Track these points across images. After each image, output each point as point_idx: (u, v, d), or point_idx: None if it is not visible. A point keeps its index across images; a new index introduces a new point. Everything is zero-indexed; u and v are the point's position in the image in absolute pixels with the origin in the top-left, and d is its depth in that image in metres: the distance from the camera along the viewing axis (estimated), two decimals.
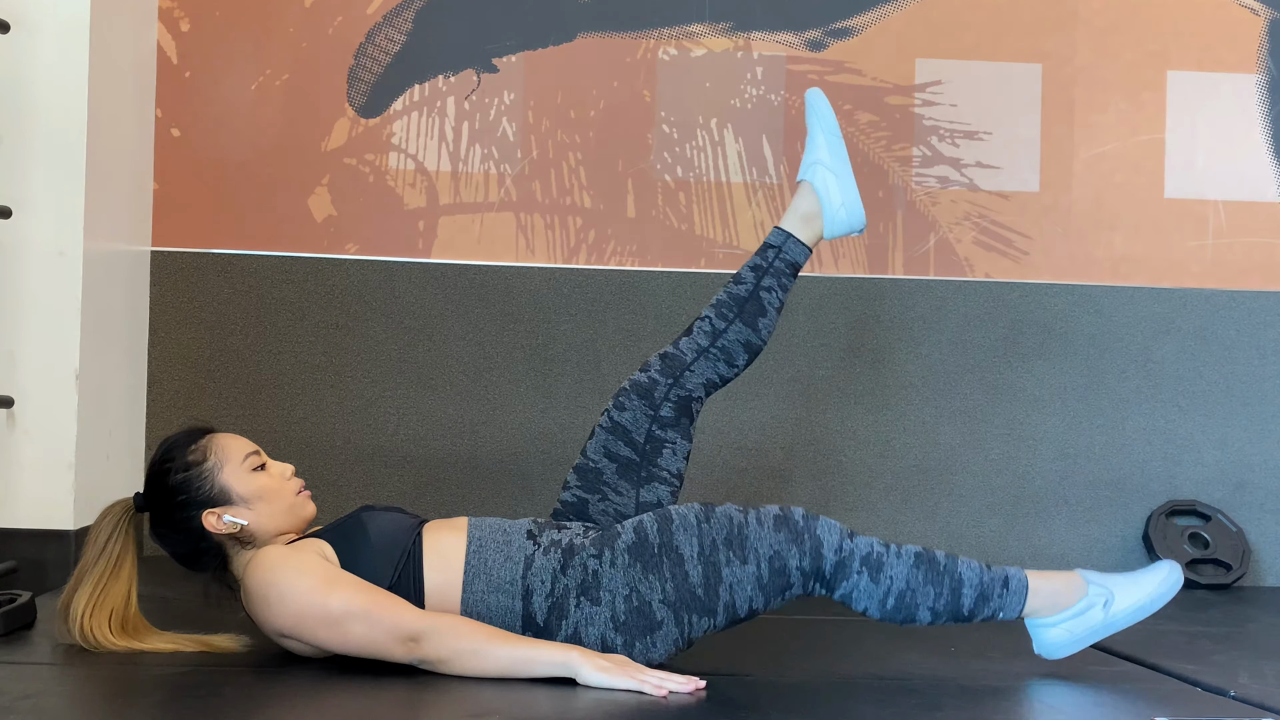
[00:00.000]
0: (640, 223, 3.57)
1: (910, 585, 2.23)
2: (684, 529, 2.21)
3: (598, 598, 2.18)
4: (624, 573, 2.18)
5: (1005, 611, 2.27)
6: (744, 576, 2.20)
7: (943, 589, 2.24)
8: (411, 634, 2.08)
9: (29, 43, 2.88)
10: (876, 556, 2.23)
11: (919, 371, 3.58)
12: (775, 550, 2.21)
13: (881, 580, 2.22)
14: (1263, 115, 3.69)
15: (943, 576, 2.25)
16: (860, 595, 2.23)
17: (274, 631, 2.15)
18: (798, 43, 3.61)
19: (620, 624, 2.18)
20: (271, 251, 3.49)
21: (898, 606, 2.24)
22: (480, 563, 2.21)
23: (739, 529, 2.22)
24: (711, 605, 2.20)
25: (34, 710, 1.89)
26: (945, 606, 2.25)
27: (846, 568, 2.22)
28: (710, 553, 2.20)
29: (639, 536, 2.21)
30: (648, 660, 2.19)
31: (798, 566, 2.21)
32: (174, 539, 2.24)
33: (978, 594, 2.26)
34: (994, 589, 2.26)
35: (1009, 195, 3.64)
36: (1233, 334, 3.64)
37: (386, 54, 3.53)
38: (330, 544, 2.21)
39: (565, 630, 2.19)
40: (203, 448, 2.23)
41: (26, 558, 2.79)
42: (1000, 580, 2.27)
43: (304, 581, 2.11)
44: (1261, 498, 3.62)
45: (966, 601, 2.25)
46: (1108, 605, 2.30)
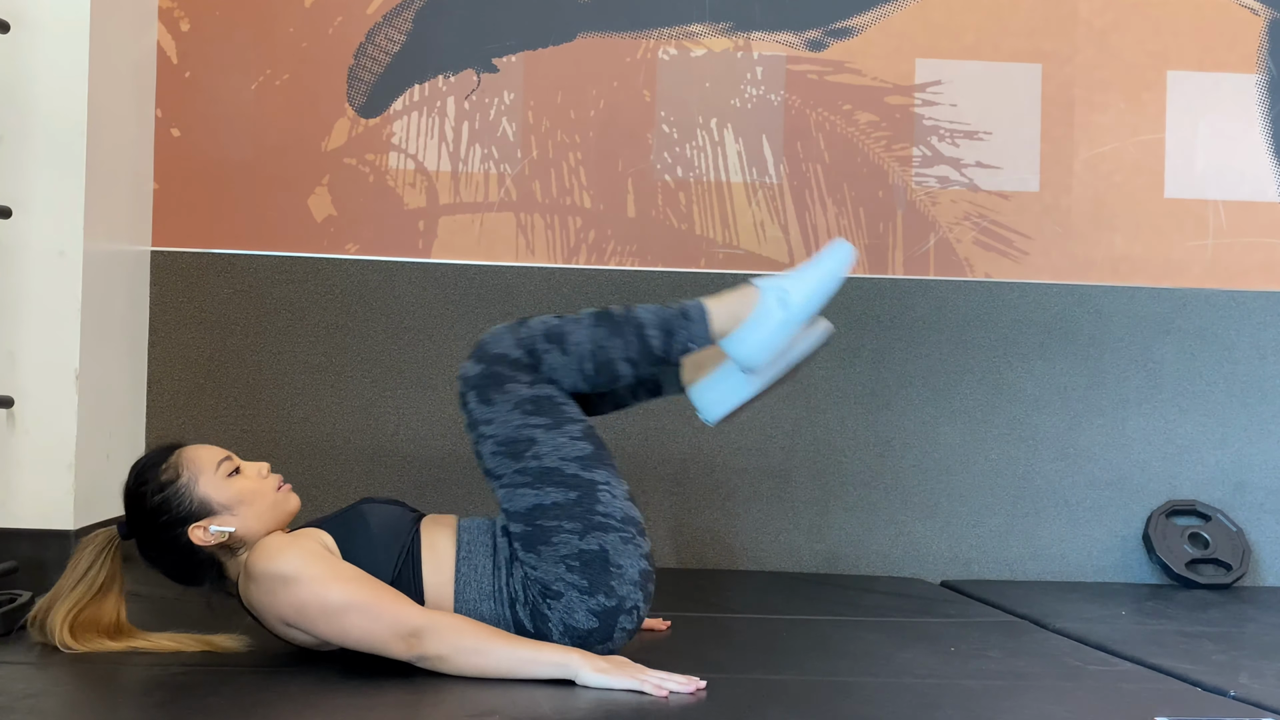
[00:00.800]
0: (640, 223, 3.57)
1: (597, 342, 2.27)
2: (511, 497, 2.23)
3: (556, 592, 2.20)
4: (546, 561, 2.20)
5: (695, 340, 2.32)
6: (547, 444, 2.24)
7: (629, 338, 2.28)
8: (412, 630, 2.09)
9: (29, 43, 2.88)
10: (555, 329, 2.28)
11: (919, 371, 3.59)
12: (513, 405, 2.25)
13: (570, 348, 2.27)
14: (1263, 115, 3.69)
15: (623, 326, 2.29)
16: (560, 369, 2.27)
17: (276, 619, 2.15)
18: (798, 43, 3.61)
19: (587, 588, 2.19)
20: (271, 251, 3.49)
21: (597, 368, 2.28)
22: (470, 570, 2.22)
23: (498, 442, 2.25)
24: (584, 484, 2.22)
25: (34, 710, 1.89)
26: (638, 353, 2.29)
27: (535, 351, 2.27)
28: (528, 477, 2.22)
29: (519, 537, 2.22)
30: (632, 580, 2.21)
31: (527, 384, 2.25)
32: (165, 559, 2.23)
33: (662, 332, 2.30)
34: (675, 322, 2.31)
35: (1009, 195, 3.64)
36: (1233, 334, 3.64)
37: (386, 54, 3.53)
38: (331, 534, 2.21)
39: (556, 629, 2.20)
40: (174, 464, 2.22)
41: (26, 558, 2.79)
42: (678, 313, 2.32)
43: (307, 570, 2.11)
44: (1261, 498, 3.62)
45: (655, 342, 2.29)
46: (785, 302, 2.35)
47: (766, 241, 3.57)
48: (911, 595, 3.18)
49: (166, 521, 2.19)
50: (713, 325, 2.33)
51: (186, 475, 2.21)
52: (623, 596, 2.21)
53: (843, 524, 3.55)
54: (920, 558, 3.55)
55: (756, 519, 3.53)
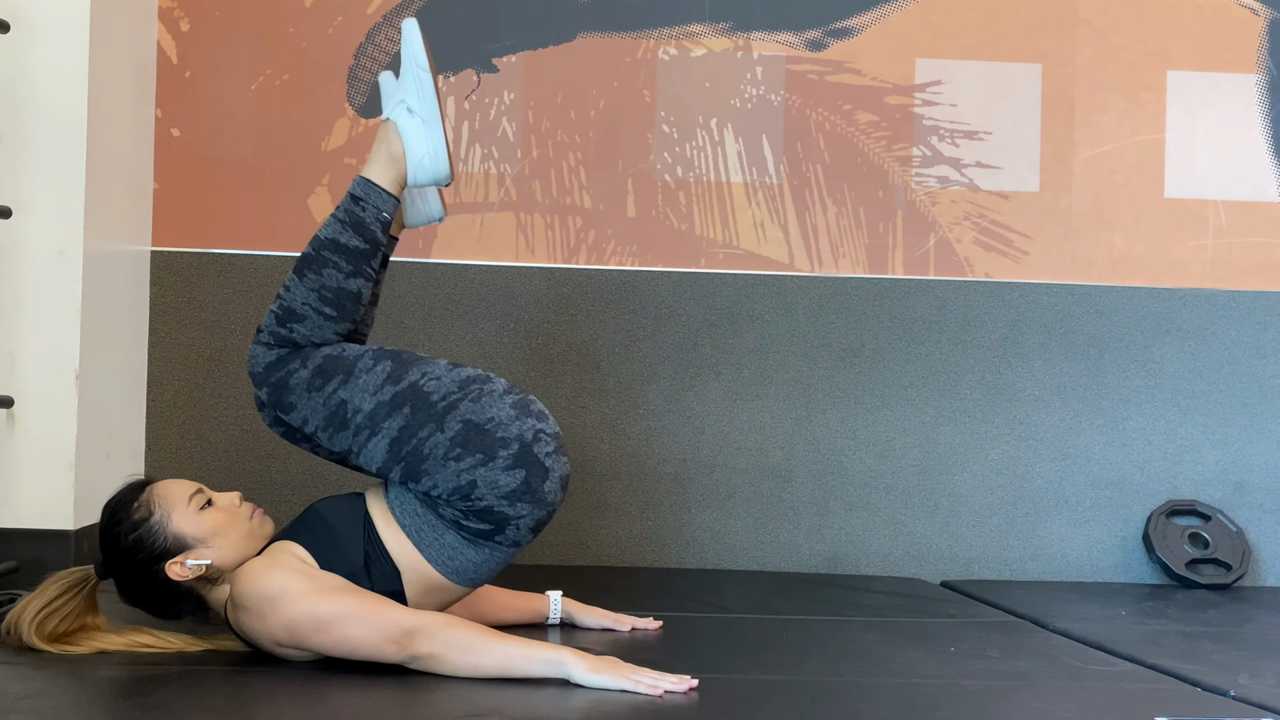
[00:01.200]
0: (640, 223, 3.57)
1: (316, 288, 2.31)
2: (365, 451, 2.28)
3: (470, 483, 2.22)
4: (436, 472, 2.22)
5: (382, 208, 2.36)
6: (348, 397, 2.27)
7: (332, 260, 2.32)
8: (404, 631, 2.09)
9: (29, 43, 2.88)
10: (281, 308, 2.30)
11: (919, 371, 3.58)
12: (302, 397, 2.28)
13: (302, 311, 2.30)
14: (1263, 115, 3.69)
15: (320, 255, 2.32)
16: (313, 331, 2.30)
17: (270, 642, 2.16)
18: (798, 43, 3.61)
19: (484, 458, 2.22)
20: (271, 251, 3.49)
21: (336, 305, 2.32)
22: (411, 516, 2.26)
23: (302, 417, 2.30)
24: (390, 406, 2.25)
25: (34, 710, 1.89)
26: (351, 261, 2.33)
27: (283, 336, 2.30)
28: (363, 427, 2.26)
29: (398, 470, 2.25)
30: (530, 430, 2.25)
31: (295, 373, 2.29)
32: (145, 597, 2.24)
33: (351, 227, 2.34)
34: (354, 212, 2.34)
35: (1009, 195, 3.64)
36: (1233, 334, 3.64)
37: (386, 54, 3.53)
38: (299, 543, 2.22)
39: (504, 505, 2.23)
40: (145, 502, 2.21)
41: (26, 558, 2.79)
42: (349, 200, 2.35)
43: (292, 588, 2.12)
44: (1261, 498, 3.62)
45: (353, 242, 2.33)
46: (410, 107, 2.39)
47: (766, 241, 3.57)
48: (911, 595, 3.18)
49: (143, 560, 2.20)
50: (385, 182, 2.38)
51: (159, 512, 2.21)
52: (518, 435, 2.24)
53: (843, 524, 3.55)
54: (920, 558, 3.55)
55: (756, 519, 3.53)
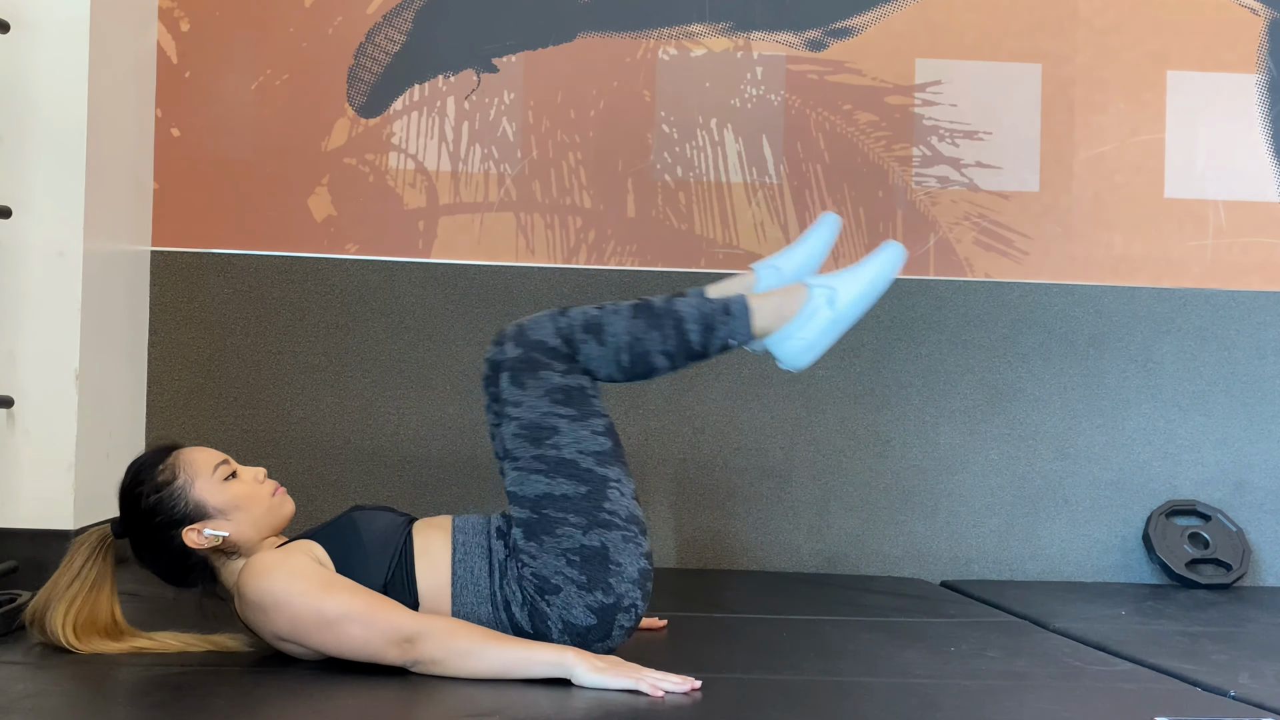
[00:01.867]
0: (640, 223, 3.57)
1: (634, 334, 2.26)
2: (522, 481, 2.23)
3: (554, 586, 2.19)
4: (547, 553, 2.19)
5: (735, 336, 2.30)
6: (569, 434, 2.23)
7: (666, 331, 2.26)
8: (406, 635, 2.09)
9: (29, 43, 2.88)
10: (594, 319, 2.27)
11: (919, 371, 3.58)
12: (544, 393, 2.23)
13: (607, 339, 2.26)
14: (1263, 115, 3.69)
15: (663, 319, 2.27)
16: (596, 360, 2.26)
17: (271, 635, 2.15)
18: (798, 43, 3.61)
19: (586, 583, 2.19)
20: (271, 251, 3.49)
21: (633, 359, 2.26)
22: (466, 572, 2.22)
23: (523, 426, 2.24)
24: (596, 479, 2.21)
25: (34, 710, 1.89)
26: (675, 346, 2.27)
27: (573, 341, 2.25)
28: (544, 464, 2.21)
29: (522, 524, 2.22)
30: (631, 579, 2.21)
31: (561, 374, 2.24)
32: (158, 560, 2.23)
33: (701, 326, 2.28)
34: (716, 317, 2.28)
35: (1009, 195, 3.64)
36: (1233, 334, 3.64)
37: (386, 54, 3.53)
38: (322, 545, 2.21)
39: (555, 626, 2.20)
40: (171, 466, 2.21)
41: (26, 558, 2.79)
42: (720, 308, 2.29)
43: (298, 585, 2.11)
44: (1261, 498, 3.62)
45: (693, 336, 2.27)
46: (833, 301, 2.32)
47: (766, 241, 3.57)
48: (911, 595, 3.18)
49: (161, 523, 2.19)
50: (755, 322, 2.31)
51: (183, 477, 2.20)
52: (621, 594, 2.20)
53: (843, 524, 3.55)
54: (920, 558, 3.55)
55: (756, 519, 3.53)
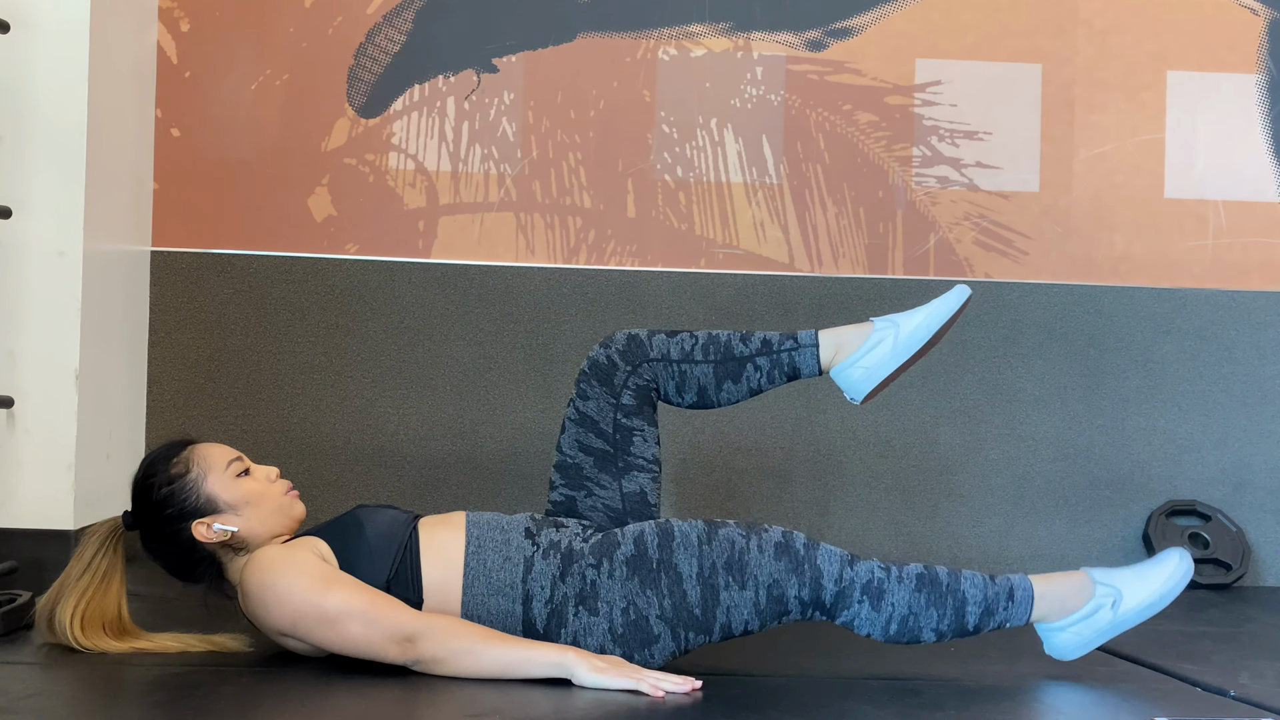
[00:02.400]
0: (640, 223, 3.57)
1: (913, 610, 2.21)
2: (684, 548, 2.19)
3: (595, 608, 2.18)
4: (622, 585, 2.18)
5: (1012, 621, 2.26)
6: (741, 601, 2.19)
7: (946, 609, 2.22)
8: (408, 634, 2.09)
9: (29, 43, 2.88)
10: (878, 584, 2.20)
11: (918, 371, 3.58)
12: (775, 579, 2.19)
13: (883, 608, 2.20)
14: (1263, 115, 3.69)
15: (946, 597, 2.22)
16: (862, 623, 2.22)
17: (273, 630, 2.16)
18: (798, 43, 3.61)
19: (618, 636, 2.17)
20: (271, 251, 3.49)
21: (901, 630, 2.22)
22: (479, 564, 2.20)
23: (740, 554, 2.20)
24: (708, 625, 2.19)
25: (34, 710, 1.89)
26: (950, 626, 2.23)
27: (847, 597, 2.20)
28: (709, 575, 2.18)
29: (638, 550, 2.20)
30: (645, 666, 2.18)
31: (796, 596, 2.19)
32: (166, 553, 2.24)
33: (982, 610, 2.23)
34: (999, 603, 2.24)
35: (1009, 195, 3.64)
36: (1233, 334, 3.64)
37: (386, 54, 3.53)
38: (326, 542, 2.21)
39: (566, 638, 2.18)
40: (185, 459, 2.23)
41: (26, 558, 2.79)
42: (1005, 593, 2.25)
43: (301, 580, 2.11)
44: (1261, 498, 3.62)
45: (971, 619, 2.23)
46: (1116, 605, 2.27)
47: (766, 242, 3.57)
48: None
49: (171, 515, 2.20)
50: (1037, 609, 2.26)
51: (196, 471, 2.22)
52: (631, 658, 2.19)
53: (843, 524, 3.55)
54: (920, 558, 3.55)
55: (756, 519, 3.53)
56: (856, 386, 2.39)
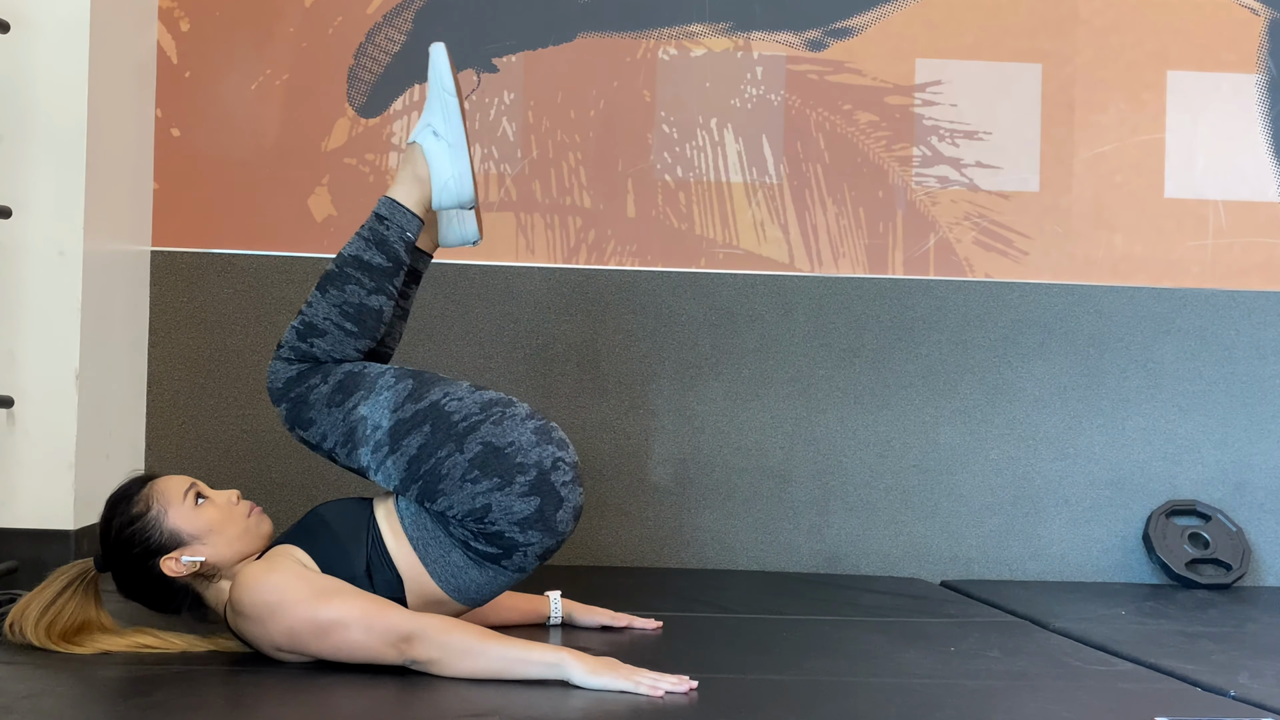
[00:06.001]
0: (640, 223, 3.57)
1: (338, 303, 2.33)
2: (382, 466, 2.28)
3: (485, 507, 2.22)
4: (453, 492, 2.23)
5: (407, 227, 2.39)
6: (368, 414, 2.29)
7: (355, 276, 2.35)
8: (404, 635, 2.09)
9: (29, 43, 2.88)
10: (302, 323, 2.33)
11: (919, 371, 3.58)
12: (322, 413, 2.31)
13: (323, 326, 2.33)
14: (1263, 115, 3.69)
15: (344, 271, 2.35)
16: (333, 347, 2.33)
17: (269, 647, 2.16)
18: (798, 43, 3.61)
19: (501, 483, 2.22)
20: (271, 251, 3.49)
21: (357, 321, 2.34)
22: (419, 530, 2.26)
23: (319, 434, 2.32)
24: (410, 423, 2.26)
25: (34, 710, 1.89)
26: (373, 279, 2.35)
27: (304, 351, 2.33)
28: (380, 444, 2.27)
29: (414, 487, 2.26)
30: (550, 456, 2.25)
31: (315, 389, 2.32)
32: (140, 590, 2.25)
33: (375, 245, 2.37)
34: (378, 230, 2.37)
35: (1009, 195, 3.64)
36: (1233, 334, 3.64)
37: (386, 54, 3.53)
38: (300, 548, 2.22)
39: (515, 531, 2.23)
40: (144, 497, 2.23)
41: (26, 558, 2.79)
42: (374, 220, 2.38)
43: (291, 595, 2.12)
44: (1261, 498, 3.62)
45: (376, 260, 2.36)
46: (436, 130, 2.41)
47: (766, 241, 3.57)
48: (911, 595, 3.18)
49: (138, 554, 2.21)
50: (409, 204, 2.40)
51: (156, 507, 2.22)
52: (535, 462, 2.25)
53: (843, 524, 3.55)
54: (920, 558, 3.55)
55: (756, 519, 3.53)
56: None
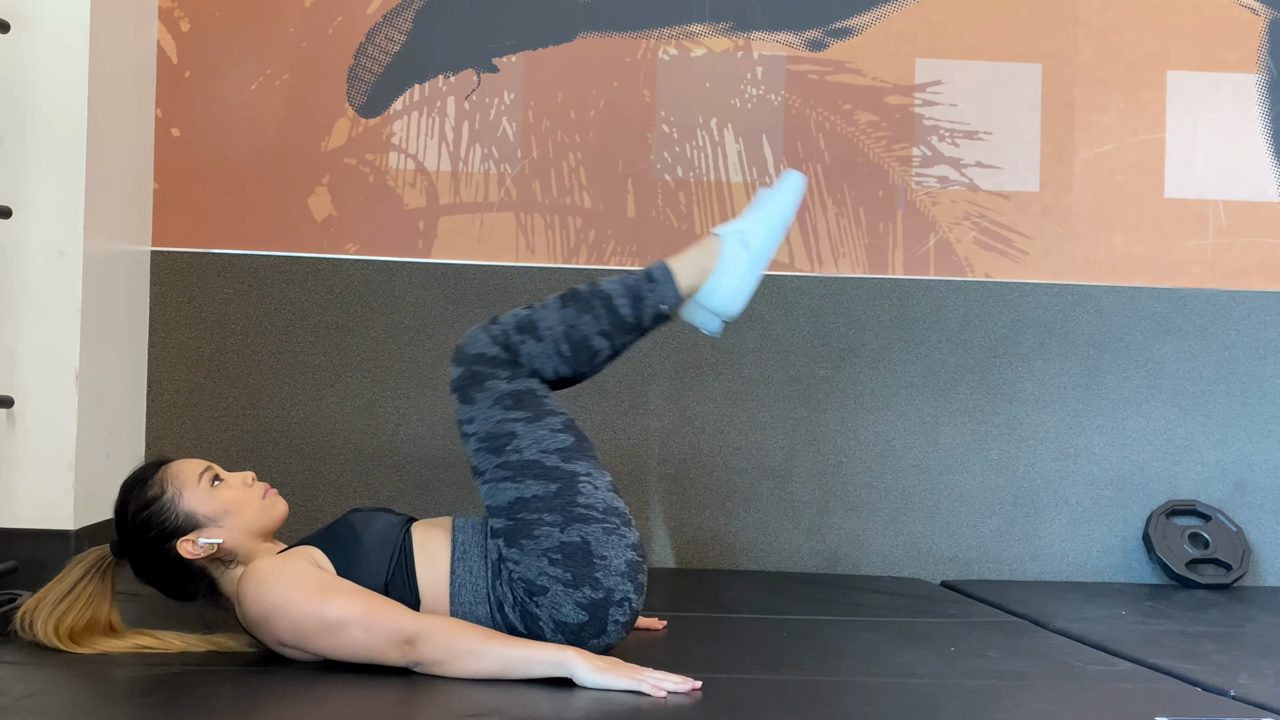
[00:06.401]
0: (640, 223, 3.57)
1: (568, 323, 2.29)
2: (493, 491, 2.24)
3: (541, 587, 2.20)
4: (529, 555, 2.20)
5: (666, 300, 2.33)
6: (527, 438, 2.25)
7: (598, 312, 2.30)
8: (407, 637, 2.09)
9: (29, 43, 2.88)
10: (526, 319, 2.30)
11: (919, 371, 3.58)
12: (494, 402, 2.26)
13: (544, 334, 2.29)
14: (1263, 115, 3.69)
15: (591, 300, 2.31)
16: (538, 357, 2.29)
17: (273, 641, 2.16)
18: (798, 43, 3.61)
19: (571, 580, 2.19)
20: (271, 251, 3.49)
21: (573, 348, 2.29)
22: (465, 571, 2.22)
23: (480, 439, 2.27)
24: (564, 476, 2.22)
25: (34, 710, 1.89)
26: (611, 324, 2.30)
27: (512, 345, 2.29)
28: (509, 470, 2.23)
29: (501, 533, 2.23)
30: (618, 570, 2.21)
31: (506, 379, 2.27)
32: (157, 575, 2.25)
33: (630, 299, 2.32)
34: (641, 287, 2.33)
35: (1009, 195, 3.64)
36: (1233, 334, 3.64)
37: (386, 54, 3.53)
38: (322, 550, 2.22)
39: (547, 626, 2.20)
40: (159, 480, 2.23)
41: (26, 558, 2.79)
42: (644, 277, 2.34)
43: (298, 591, 2.12)
44: (1261, 498, 3.62)
45: (624, 310, 2.31)
46: (747, 243, 2.35)
47: None
48: (911, 595, 3.18)
49: (154, 537, 2.21)
50: (680, 281, 2.36)
51: (171, 490, 2.22)
52: (610, 588, 2.20)
53: (843, 524, 3.55)
54: (920, 558, 3.55)
55: (756, 519, 3.53)
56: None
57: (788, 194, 2.42)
